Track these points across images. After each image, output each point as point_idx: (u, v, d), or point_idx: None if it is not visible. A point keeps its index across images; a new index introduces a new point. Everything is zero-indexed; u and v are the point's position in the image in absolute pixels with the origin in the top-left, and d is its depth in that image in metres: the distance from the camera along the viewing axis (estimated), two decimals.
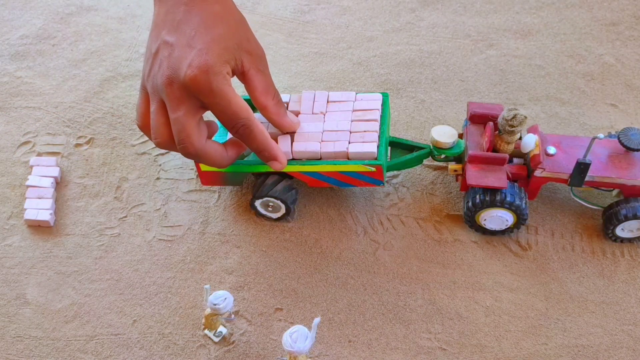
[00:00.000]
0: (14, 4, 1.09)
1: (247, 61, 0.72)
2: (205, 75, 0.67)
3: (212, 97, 0.68)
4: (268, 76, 0.75)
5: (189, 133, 0.70)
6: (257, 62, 0.73)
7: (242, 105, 0.70)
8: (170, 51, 0.69)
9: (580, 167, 0.76)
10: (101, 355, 0.75)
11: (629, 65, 0.99)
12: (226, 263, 0.81)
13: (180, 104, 0.68)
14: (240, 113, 0.70)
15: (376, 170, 0.78)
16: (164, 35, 0.70)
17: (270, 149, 0.74)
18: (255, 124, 0.72)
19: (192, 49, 0.68)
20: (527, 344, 0.75)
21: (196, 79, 0.67)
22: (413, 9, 1.08)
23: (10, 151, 0.92)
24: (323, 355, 0.75)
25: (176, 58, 0.68)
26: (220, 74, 0.68)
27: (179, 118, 0.69)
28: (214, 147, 0.73)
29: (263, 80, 0.74)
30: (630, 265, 0.80)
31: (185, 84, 0.67)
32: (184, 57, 0.68)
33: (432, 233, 0.83)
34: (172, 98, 0.68)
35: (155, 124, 0.71)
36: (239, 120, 0.70)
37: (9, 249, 0.83)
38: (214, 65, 0.67)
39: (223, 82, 0.68)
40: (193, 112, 0.69)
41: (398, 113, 0.95)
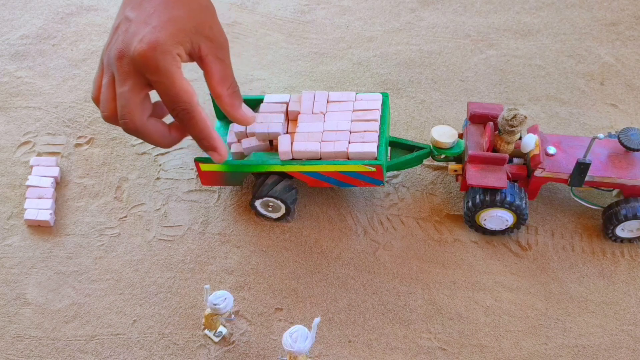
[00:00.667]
0: (14, 4, 1.09)
1: (206, 47, 0.71)
2: (153, 51, 0.67)
3: (157, 75, 0.68)
4: (227, 66, 0.73)
5: (131, 108, 0.69)
6: (217, 49, 0.72)
7: (186, 88, 0.69)
8: (128, 26, 0.69)
9: (580, 167, 0.76)
10: (101, 355, 0.75)
11: (629, 65, 0.99)
12: (226, 263, 0.81)
13: (127, 79, 0.69)
14: (183, 96, 0.69)
15: (376, 170, 0.78)
16: (126, 11, 0.70)
17: (210, 139, 0.73)
18: (196, 111, 0.70)
19: (147, 25, 0.68)
20: (527, 344, 0.75)
21: (144, 55, 0.67)
22: (413, 9, 1.08)
23: (10, 151, 0.92)
24: (323, 355, 0.75)
25: (131, 33, 0.68)
26: (169, 53, 0.68)
27: (124, 93, 0.69)
28: (156, 126, 0.72)
29: (220, 68, 0.73)
30: (630, 265, 0.80)
31: (133, 58, 0.67)
32: (137, 33, 0.68)
33: (432, 233, 0.83)
34: (121, 72, 0.69)
35: (104, 97, 0.71)
36: (180, 103, 0.69)
37: (9, 249, 0.83)
38: (164, 43, 0.67)
39: (170, 62, 0.68)
40: (138, 88, 0.69)
41: (398, 113, 0.95)
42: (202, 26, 0.70)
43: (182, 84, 0.69)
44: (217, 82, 0.73)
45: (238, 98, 0.75)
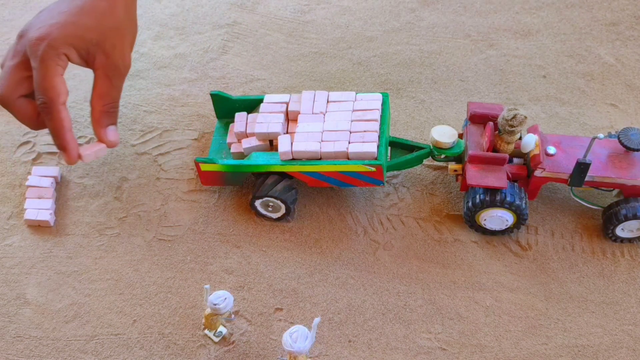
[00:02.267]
0: (14, 4, 1.09)
1: (100, 61, 0.75)
2: (40, 41, 0.71)
3: (36, 63, 0.72)
4: (113, 86, 0.77)
5: (6, 81, 0.74)
6: (110, 68, 0.76)
7: (55, 85, 0.72)
8: (41, 13, 0.75)
9: (580, 167, 0.76)
10: (101, 355, 0.75)
11: (629, 65, 0.99)
12: (226, 263, 0.81)
13: (15, 56, 0.74)
14: (49, 91, 0.72)
15: (376, 170, 0.78)
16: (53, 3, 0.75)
17: (62, 139, 0.76)
18: (56, 109, 0.73)
19: (52, 19, 0.73)
20: (527, 344, 0.75)
21: (32, 43, 0.72)
22: (413, 9, 1.08)
23: (10, 151, 0.92)
24: (323, 355, 0.75)
25: (37, 19, 0.74)
26: (55, 49, 0.72)
27: (7, 67, 0.74)
28: (26, 107, 0.76)
29: (105, 85, 0.76)
30: (630, 265, 0.80)
31: (28, 41, 0.72)
32: (41, 22, 0.73)
33: (432, 233, 0.83)
34: (14, 49, 0.74)
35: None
36: (44, 97, 0.73)
37: (9, 249, 0.83)
38: (55, 39, 0.71)
39: (52, 56, 0.71)
40: (21, 67, 0.73)
41: (398, 113, 0.95)
42: (105, 43, 0.74)
43: (52, 79, 0.72)
44: (96, 95, 0.77)
45: (108, 118, 0.78)
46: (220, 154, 0.86)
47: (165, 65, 1.01)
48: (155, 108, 0.96)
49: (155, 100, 0.97)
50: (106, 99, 0.77)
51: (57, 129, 0.75)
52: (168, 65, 1.01)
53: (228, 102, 0.87)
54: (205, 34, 1.05)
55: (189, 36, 1.05)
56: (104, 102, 0.77)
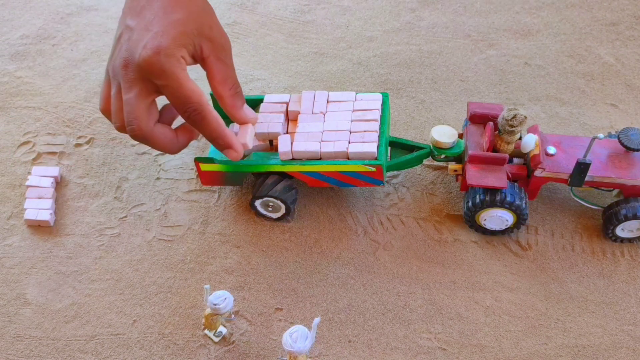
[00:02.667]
0: (14, 4, 1.09)
1: (207, 48, 0.71)
2: (157, 56, 0.67)
3: (164, 79, 0.68)
4: (229, 66, 0.74)
5: (137, 115, 0.69)
6: (218, 50, 0.72)
7: (194, 89, 0.69)
8: (130, 35, 0.69)
9: (580, 167, 0.76)
10: (101, 355, 0.75)
11: (629, 65, 0.99)
12: (226, 263, 0.81)
13: (132, 86, 0.69)
14: (192, 97, 0.69)
15: (376, 170, 0.78)
16: (127, 20, 0.71)
17: (224, 137, 0.73)
18: (207, 110, 0.71)
19: (149, 32, 0.68)
20: (527, 344, 0.75)
21: (149, 61, 0.67)
22: (413, 9, 1.08)
23: (10, 151, 0.92)
24: (323, 355, 0.75)
25: (134, 41, 0.69)
26: (174, 57, 0.68)
27: (130, 99, 0.69)
28: (163, 132, 0.73)
29: (222, 69, 0.73)
30: (630, 265, 0.80)
31: (139, 65, 0.67)
32: (140, 40, 0.68)
33: (432, 233, 0.83)
34: (127, 80, 0.69)
35: (114, 108, 0.72)
36: (190, 104, 0.70)
37: (9, 249, 0.83)
38: (168, 47, 0.67)
39: (175, 65, 0.68)
40: (145, 94, 0.69)
41: (398, 113, 0.95)
42: (203, 27, 0.71)
43: (189, 85, 0.69)
44: (219, 82, 0.73)
45: (240, 99, 0.76)
46: (220, 154, 0.86)
47: None
48: None
49: None
50: (229, 82, 0.74)
51: (216, 130, 0.72)
52: None
53: None
54: None
55: None
56: (229, 86, 0.74)
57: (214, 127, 0.72)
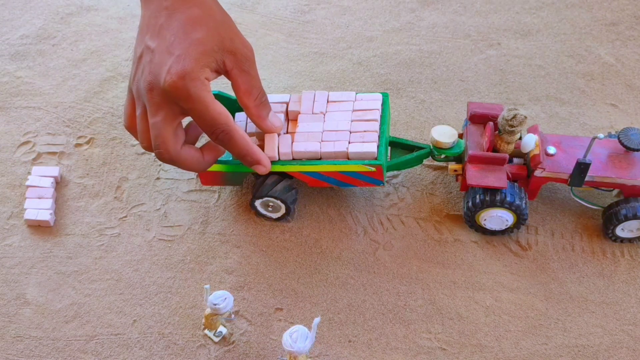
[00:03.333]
0: (14, 4, 1.09)
1: (230, 61, 0.72)
2: (183, 81, 0.68)
3: (191, 102, 0.69)
4: (253, 76, 0.75)
5: (164, 139, 0.70)
6: (242, 61, 0.73)
7: (220, 111, 0.70)
8: (152, 57, 0.70)
9: (580, 167, 0.76)
10: (101, 355, 0.75)
11: (629, 65, 0.99)
12: (226, 263, 0.81)
13: (159, 110, 0.70)
14: (219, 119, 0.71)
15: (376, 170, 0.78)
16: (147, 40, 0.71)
17: (253, 154, 0.75)
18: (234, 130, 0.72)
19: (171, 55, 0.69)
20: (527, 344, 0.75)
21: (175, 85, 0.68)
22: (413, 9, 1.08)
23: (10, 151, 0.92)
24: (323, 355, 0.75)
25: (156, 64, 0.69)
26: (198, 80, 0.69)
27: (157, 123, 0.70)
28: (190, 153, 0.74)
29: (246, 80, 0.74)
30: (630, 265, 0.80)
31: (165, 90, 0.68)
32: (163, 64, 0.69)
33: (432, 233, 0.83)
34: (152, 103, 0.70)
35: (140, 129, 0.73)
36: (218, 126, 0.71)
37: (9, 249, 0.83)
38: (192, 71, 0.68)
39: (201, 88, 0.69)
40: (171, 117, 0.70)
41: (398, 113, 0.95)
42: (224, 42, 0.71)
43: (215, 107, 0.70)
44: (244, 93, 0.74)
45: (265, 108, 0.77)
46: None
47: None
48: None
49: None
50: (254, 92, 0.75)
51: (246, 148, 0.74)
52: None
53: (228, 102, 0.87)
54: None
55: None
56: (254, 96, 0.75)
57: (242, 146, 0.73)
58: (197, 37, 0.70)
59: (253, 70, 0.75)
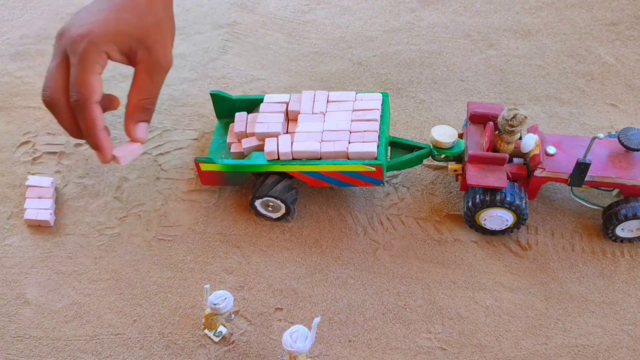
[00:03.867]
0: (14, 4, 1.09)
1: (141, 57, 0.73)
2: (82, 38, 0.70)
3: (75, 59, 0.70)
4: (153, 82, 0.75)
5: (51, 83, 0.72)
6: (152, 64, 0.74)
7: (89, 83, 0.71)
8: (81, 11, 0.74)
9: (580, 167, 0.76)
10: (101, 355, 0.75)
11: (629, 65, 0.99)
12: (226, 263, 0.81)
13: (57, 55, 0.72)
14: (82, 88, 0.71)
15: (376, 170, 0.78)
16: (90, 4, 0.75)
17: (95, 138, 0.73)
18: (89, 108, 0.71)
19: (93, 16, 0.72)
20: (527, 344, 0.75)
21: (74, 38, 0.70)
22: (413, 9, 1.08)
23: (10, 151, 0.92)
24: (323, 355, 0.75)
25: (78, 18, 0.73)
26: (97, 47, 0.70)
27: (51, 68, 0.73)
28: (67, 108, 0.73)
29: (144, 80, 0.74)
30: (630, 265, 0.80)
31: (68, 38, 0.71)
32: (82, 19, 0.72)
33: (432, 233, 0.83)
34: (55, 49, 0.73)
35: None
36: (78, 93, 0.71)
37: (9, 249, 0.83)
38: (97, 35, 0.70)
39: (92, 54, 0.70)
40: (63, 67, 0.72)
41: (398, 113, 0.95)
42: (147, 38, 0.73)
43: (88, 77, 0.71)
44: (134, 89, 0.75)
45: (143, 114, 0.76)
46: (220, 154, 0.86)
47: None
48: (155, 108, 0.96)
49: None
50: (143, 94, 0.75)
51: (90, 128, 0.73)
52: None
53: (228, 102, 0.87)
54: (205, 34, 1.05)
55: (189, 36, 1.05)
56: (141, 97, 0.75)
57: (88, 125, 0.72)
58: (126, 17, 0.72)
59: (157, 77, 0.75)
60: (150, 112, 0.77)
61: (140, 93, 0.75)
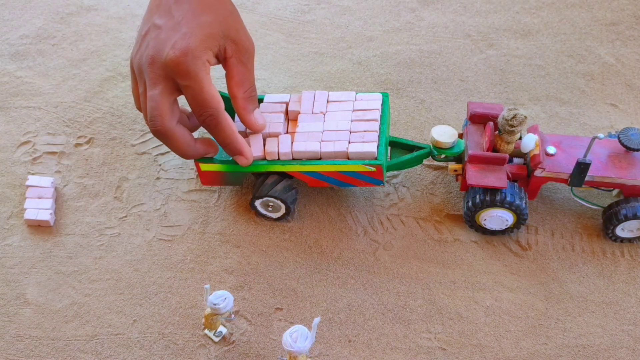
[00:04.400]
0: (14, 4, 1.09)
1: (230, 49, 0.73)
2: (184, 57, 0.69)
3: (187, 79, 0.70)
4: (248, 70, 0.76)
5: (160, 111, 0.71)
6: (241, 52, 0.74)
7: (214, 94, 0.71)
8: (158, 33, 0.71)
9: (580, 167, 0.76)
10: (101, 355, 0.75)
11: (629, 65, 0.99)
12: (226, 263, 0.81)
13: (157, 83, 0.71)
14: (211, 102, 0.72)
15: (376, 170, 0.78)
16: (155, 19, 0.73)
17: (236, 143, 0.75)
18: (222, 116, 0.73)
19: (177, 32, 0.70)
20: (527, 344, 0.75)
21: (176, 60, 0.69)
22: (413, 8, 1.08)
23: (10, 151, 0.92)
24: (323, 355, 0.75)
25: (162, 40, 0.71)
26: (200, 59, 0.70)
27: (154, 96, 0.71)
28: (183, 134, 0.75)
29: (241, 71, 0.75)
30: (630, 265, 0.80)
31: (165, 63, 0.70)
32: (168, 39, 0.70)
33: (432, 233, 0.83)
34: (152, 77, 0.71)
35: (143, 105, 0.74)
36: (208, 109, 0.72)
37: (9, 249, 0.83)
38: (195, 49, 0.70)
39: (200, 68, 0.70)
40: (168, 92, 0.71)
41: (398, 113, 0.95)
42: (229, 30, 0.73)
43: (210, 90, 0.71)
44: (236, 83, 0.75)
45: (252, 103, 0.78)
46: (220, 154, 0.86)
47: None
48: None
49: None
50: (245, 85, 0.76)
51: (230, 136, 0.75)
52: None
53: (227, 102, 0.87)
54: None
55: None
56: (244, 88, 0.76)
57: (227, 134, 0.74)
58: (205, 19, 0.71)
59: (250, 64, 0.76)
60: (256, 98, 0.78)
61: (242, 86, 0.76)
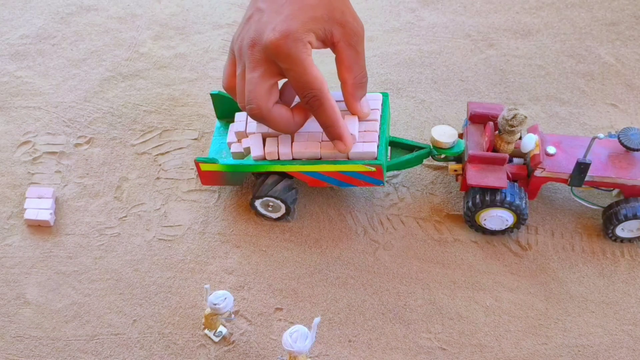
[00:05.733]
0: (14, 4, 1.09)
1: (338, 33, 0.72)
2: (285, 40, 0.68)
3: (289, 62, 0.69)
4: (359, 53, 0.74)
5: (258, 94, 0.71)
6: (350, 35, 0.72)
7: (316, 75, 0.71)
8: (260, 16, 0.71)
9: (580, 167, 0.76)
10: (101, 355, 0.75)
11: (629, 65, 0.99)
12: (226, 263, 0.81)
13: (257, 66, 0.70)
14: (314, 83, 0.71)
15: (376, 170, 0.78)
16: (259, 3, 0.72)
17: (338, 127, 0.74)
18: (326, 98, 0.72)
19: (280, 14, 0.70)
20: (527, 344, 0.75)
21: (277, 43, 0.68)
22: (413, 8, 1.08)
23: (10, 151, 0.92)
24: (323, 355, 0.75)
25: (264, 23, 0.70)
26: (301, 41, 0.69)
27: (253, 79, 0.71)
28: (281, 113, 0.74)
29: (351, 55, 0.73)
30: (630, 265, 0.80)
31: (266, 46, 0.69)
32: (270, 22, 0.70)
33: (432, 233, 0.83)
34: (252, 59, 0.71)
35: (239, 88, 0.73)
36: (312, 90, 0.71)
37: (9, 249, 0.83)
38: (296, 31, 0.69)
39: (301, 50, 0.69)
40: (268, 75, 0.71)
41: (398, 113, 0.95)
42: (334, 13, 0.71)
43: (312, 71, 0.70)
44: (346, 68, 0.74)
45: (361, 90, 0.77)
46: (220, 154, 0.86)
47: (165, 65, 1.01)
48: (155, 108, 0.96)
49: (155, 100, 0.97)
50: (356, 70, 0.75)
51: (333, 118, 0.73)
52: (168, 65, 1.01)
53: (228, 102, 0.87)
54: (205, 34, 1.05)
55: (189, 36, 1.05)
56: (355, 74, 0.75)
57: (329, 115, 0.73)
58: (308, 2, 0.70)
59: (360, 47, 0.74)
60: (366, 85, 0.77)
61: (352, 71, 0.74)
